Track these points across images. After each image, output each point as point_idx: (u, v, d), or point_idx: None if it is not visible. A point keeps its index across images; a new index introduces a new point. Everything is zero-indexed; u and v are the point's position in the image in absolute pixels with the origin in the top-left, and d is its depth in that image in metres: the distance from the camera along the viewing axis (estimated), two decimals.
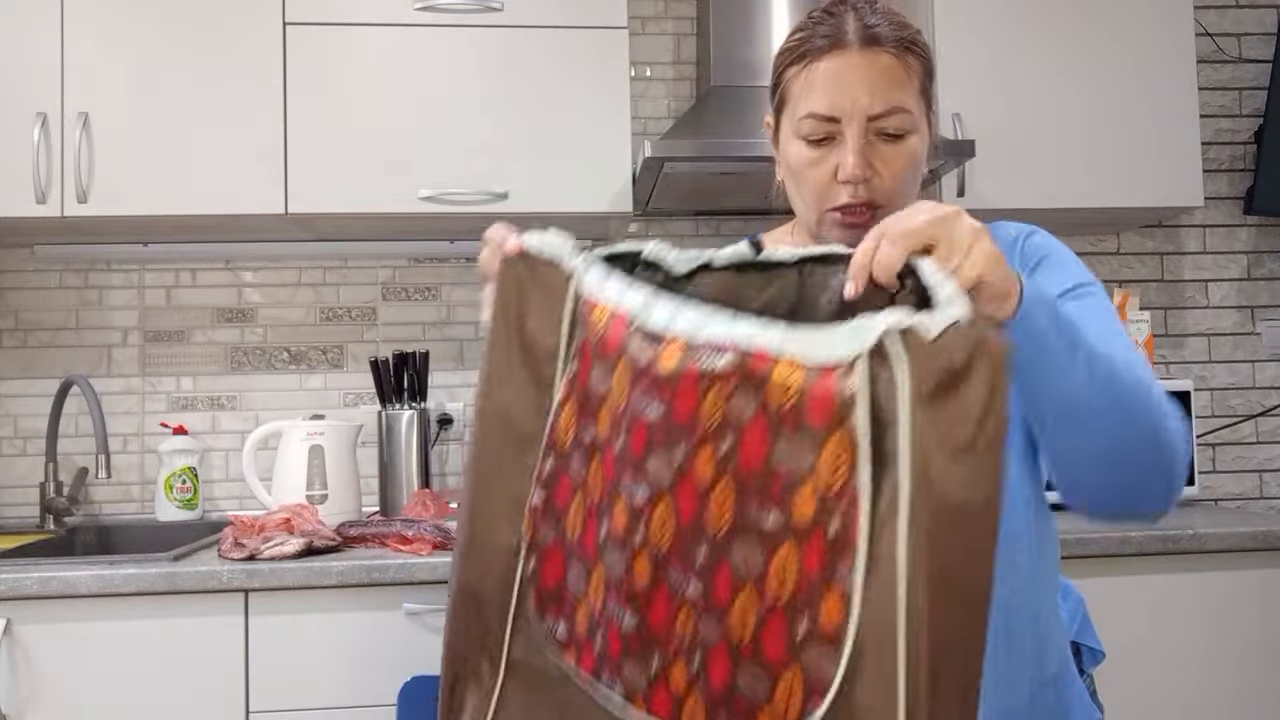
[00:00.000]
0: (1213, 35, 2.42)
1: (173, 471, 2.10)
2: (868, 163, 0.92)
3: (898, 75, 0.92)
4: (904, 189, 0.94)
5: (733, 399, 0.60)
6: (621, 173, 1.98)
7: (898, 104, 0.91)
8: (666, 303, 0.65)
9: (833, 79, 0.92)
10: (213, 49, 1.92)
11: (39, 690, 1.55)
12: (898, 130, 0.92)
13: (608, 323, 0.68)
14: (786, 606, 0.58)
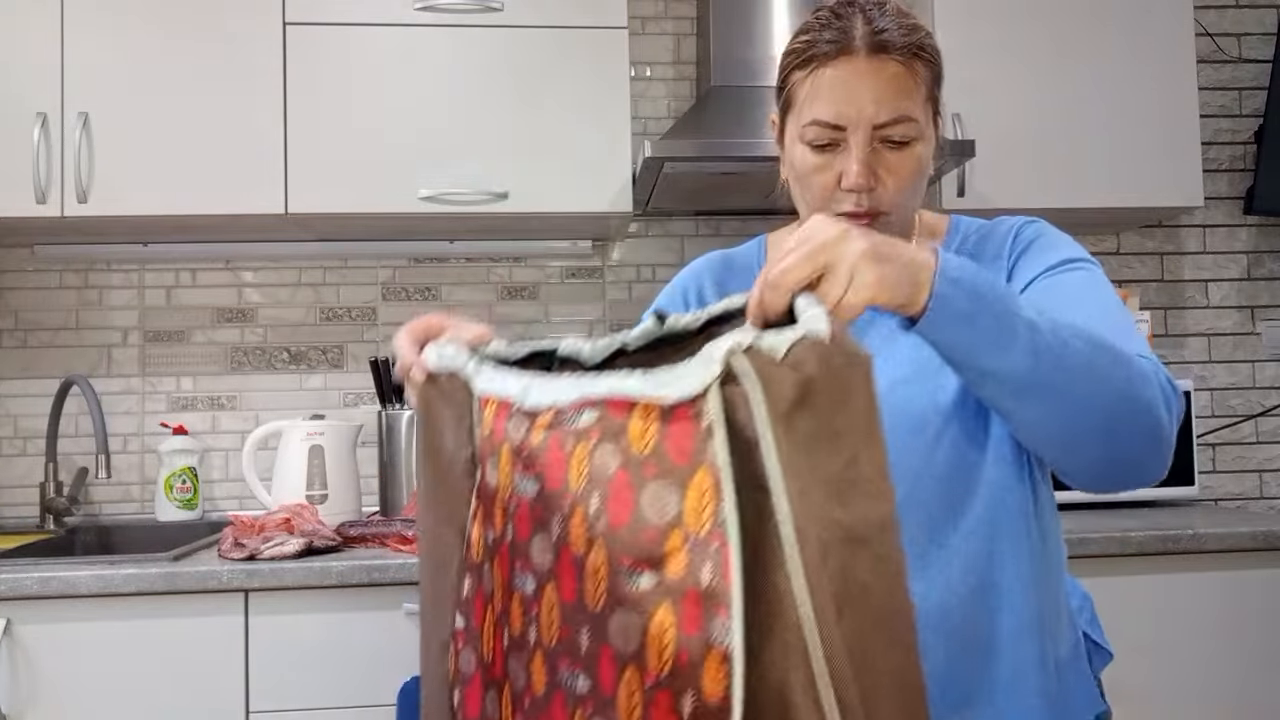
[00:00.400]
0: (1213, 35, 2.42)
1: (173, 471, 2.10)
2: (872, 171, 0.91)
3: (905, 83, 0.91)
4: (907, 196, 0.94)
5: (595, 455, 0.56)
6: (621, 173, 1.98)
7: (904, 113, 0.91)
8: (547, 382, 0.62)
9: (839, 86, 0.91)
10: (213, 49, 1.92)
11: (39, 690, 1.55)
12: (903, 138, 0.91)
13: (493, 415, 0.66)
14: (669, 681, 0.52)
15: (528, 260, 2.32)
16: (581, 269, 2.34)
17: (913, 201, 0.95)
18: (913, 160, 0.92)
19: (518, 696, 0.62)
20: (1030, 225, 1.00)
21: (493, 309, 2.31)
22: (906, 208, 0.95)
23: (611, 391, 0.57)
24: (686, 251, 2.35)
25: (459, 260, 2.31)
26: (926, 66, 0.93)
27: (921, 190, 0.96)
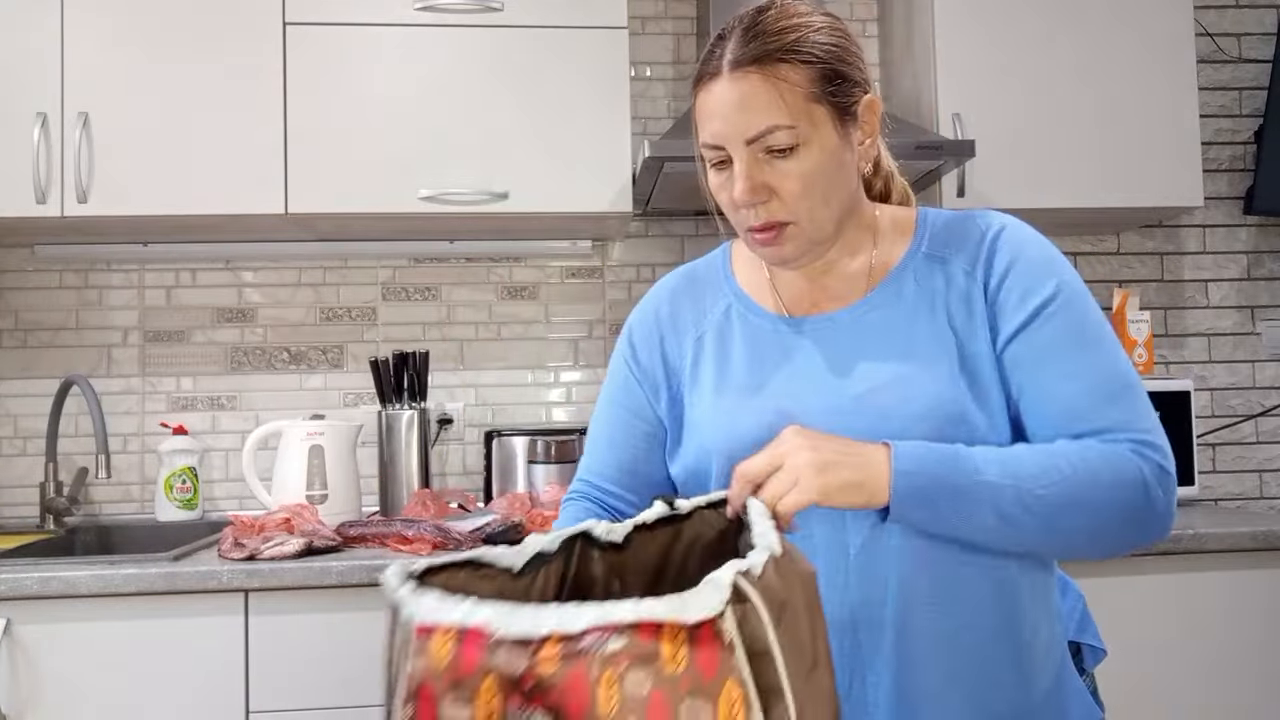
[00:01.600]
0: (1213, 35, 2.42)
1: (173, 471, 2.10)
2: (760, 184, 0.91)
3: (767, 94, 0.89)
4: (813, 201, 0.92)
5: (626, 679, 0.59)
6: (621, 173, 1.98)
7: (771, 123, 0.89)
8: (525, 609, 0.62)
9: (710, 108, 0.92)
10: (213, 49, 1.92)
11: (39, 690, 1.55)
12: (783, 146, 0.89)
13: (456, 645, 0.63)
14: None
15: (528, 260, 2.32)
16: (581, 269, 2.34)
17: (826, 205, 0.93)
18: (801, 166, 0.90)
19: None
20: (1004, 234, 0.96)
21: (493, 309, 2.31)
22: (818, 212, 0.92)
23: (639, 616, 0.60)
24: (686, 251, 2.35)
25: (459, 260, 2.31)
26: (802, 65, 0.90)
27: (840, 190, 0.94)
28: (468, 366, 2.30)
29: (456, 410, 2.27)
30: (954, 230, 0.99)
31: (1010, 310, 0.92)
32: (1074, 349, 0.90)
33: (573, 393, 2.32)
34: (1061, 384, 0.89)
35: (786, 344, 0.98)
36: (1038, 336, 0.91)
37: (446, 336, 2.30)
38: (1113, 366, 0.90)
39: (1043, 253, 0.95)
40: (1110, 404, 0.88)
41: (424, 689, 0.63)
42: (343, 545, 1.71)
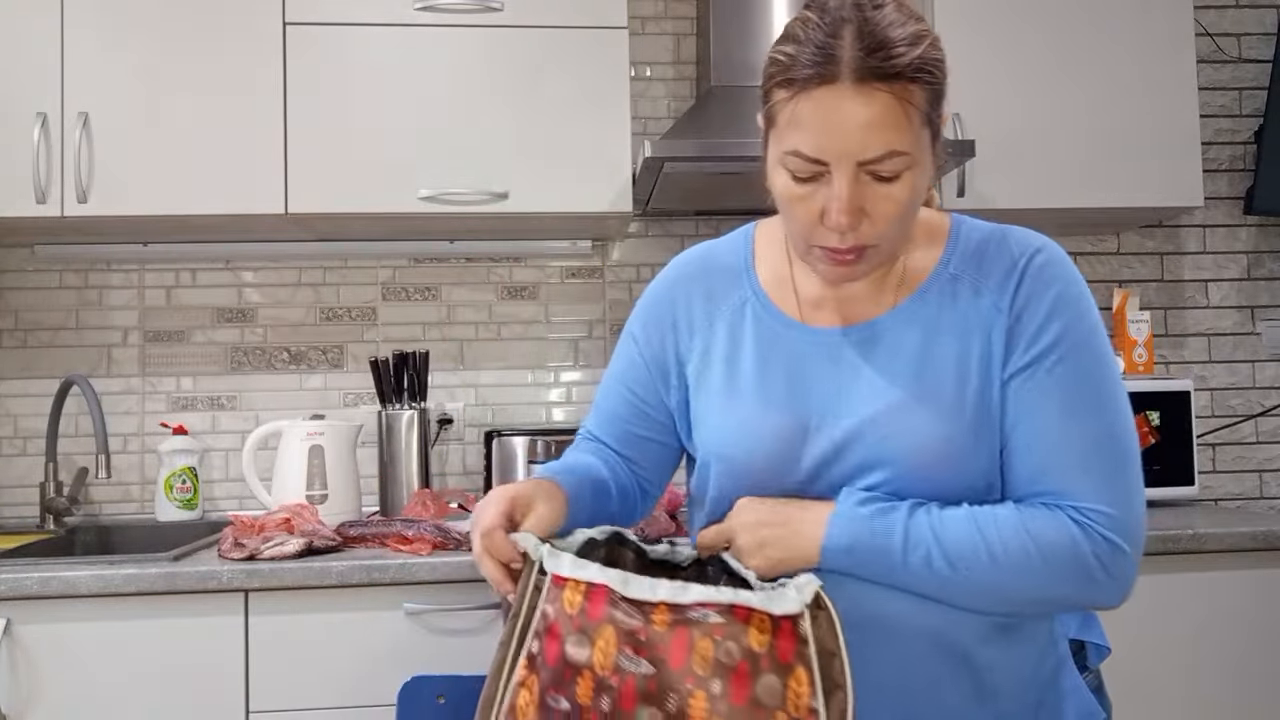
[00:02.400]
0: (1213, 35, 2.42)
1: (173, 471, 2.10)
2: (857, 208, 0.84)
3: (896, 116, 0.81)
4: (902, 225, 0.87)
5: (719, 648, 0.76)
6: (621, 173, 1.98)
7: (893, 147, 0.82)
8: (640, 578, 0.80)
9: (820, 118, 0.82)
10: (213, 49, 1.92)
11: (39, 690, 1.55)
12: (892, 173, 0.83)
13: (584, 597, 0.80)
14: None
15: (528, 260, 2.32)
16: (581, 269, 2.34)
17: (904, 227, 0.88)
18: (902, 194, 0.84)
19: None
20: (1033, 267, 0.91)
21: (493, 309, 2.31)
22: (897, 236, 0.88)
23: (736, 600, 0.77)
24: None
25: (459, 260, 2.31)
26: (926, 87, 0.83)
27: (914, 214, 0.89)
28: (468, 366, 2.30)
29: (456, 410, 2.27)
30: (986, 252, 0.93)
31: (1021, 347, 0.89)
32: (1064, 405, 0.87)
33: (573, 393, 2.32)
34: (1038, 439, 0.88)
35: (798, 353, 0.95)
36: (1035, 383, 0.88)
37: (446, 336, 2.30)
38: (1100, 431, 0.87)
39: (1068, 291, 0.90)
40: (1079, 471, 0.86)
41: (553, 627, 0.80)
42: (343, 545, 1.71)
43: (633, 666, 0.77)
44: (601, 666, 0.78)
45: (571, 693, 0.78)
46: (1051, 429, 0.87)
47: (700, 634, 0.76)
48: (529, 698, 0.80)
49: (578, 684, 0.78)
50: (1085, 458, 0.86)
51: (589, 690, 0.78)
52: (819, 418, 0.92)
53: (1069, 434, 0.87)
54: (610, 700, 0.77)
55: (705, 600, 0.78)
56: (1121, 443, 0.87)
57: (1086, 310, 0.90)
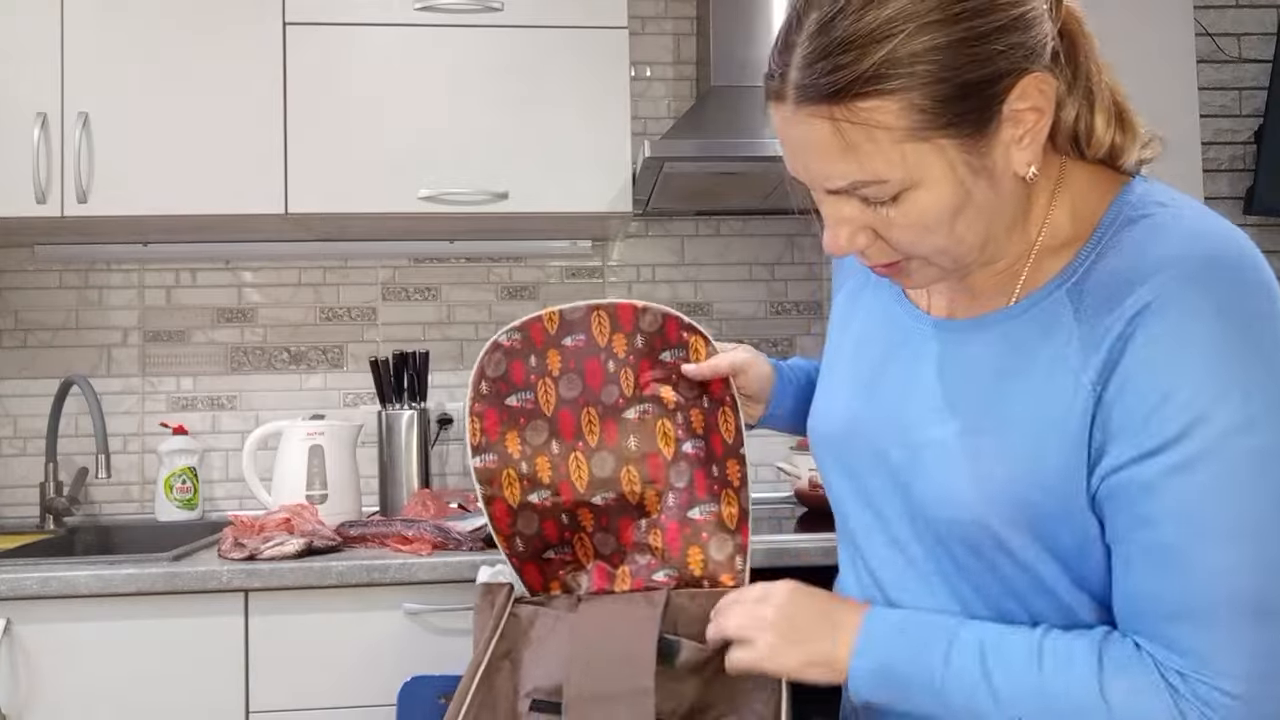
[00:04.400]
0: (1213, 35, 2.42)
1: (173, 471, 2.10)
2: (856, 231, 0.71)
3: (842, 146, 0.65)
4: (937, 240, 0.70)
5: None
6: (621, 173, 1.98)
7: (851, 179, 0.67)
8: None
9: (781, 140, 0.71)
10: (213, 49, 1.92)
11: (39, 690, 1.55)
12: (876, 199, 0.68)
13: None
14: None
15: (528, 260, 2.32)
16: (581, 269, 2.34)
17: (957, 240, 0.70)
18: (912, 213, 0.68)
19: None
20: (1153, 312, 0.64)
21: (493, 309, 2.31)
22: (948, 249, 0.70)
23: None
24: (686, 252, 2.35)
25: (459, 260, 2.31)
26: (895, 98, 0.63)
27: (981, 218, 0.69)
28: (468, 366, 2.30)
29: (456, 410, 2.27)
30: (1119, 267, 0.68)
31: (1122, 432, 0.65)
32: (1179, 529, 0.64)
33: None
34: (1137, 567, 0.66)
35: (893, 336, 0.84)
36: (1145, 487, 0.65)
37: (446, 336, 2.30)
38: (1223, 574, 0.63)
39: (1210, 356, 0.62)
40: (1186, 623, 0.64)
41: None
42: (343, 545, 1.71)
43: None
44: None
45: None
46: (1156, 558, 0.65)
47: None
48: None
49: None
50: (1190, 606, 0.64)
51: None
52: (881, 419, 0.82)
53: (1180, 567, 0.64)
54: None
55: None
56: (1248, 594, 0.63)
57: (1238, 383, 0.62)
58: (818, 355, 1.35)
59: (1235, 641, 0.63)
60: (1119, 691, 0.66)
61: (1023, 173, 0.69)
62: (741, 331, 2.35)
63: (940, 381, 0.77)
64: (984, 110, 0.65)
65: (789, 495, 2.12)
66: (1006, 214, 0.71)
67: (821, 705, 0.95)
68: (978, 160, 0.67)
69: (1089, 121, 0.74)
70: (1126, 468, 0.65)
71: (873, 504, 0.83)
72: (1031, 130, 0.68)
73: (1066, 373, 0.68)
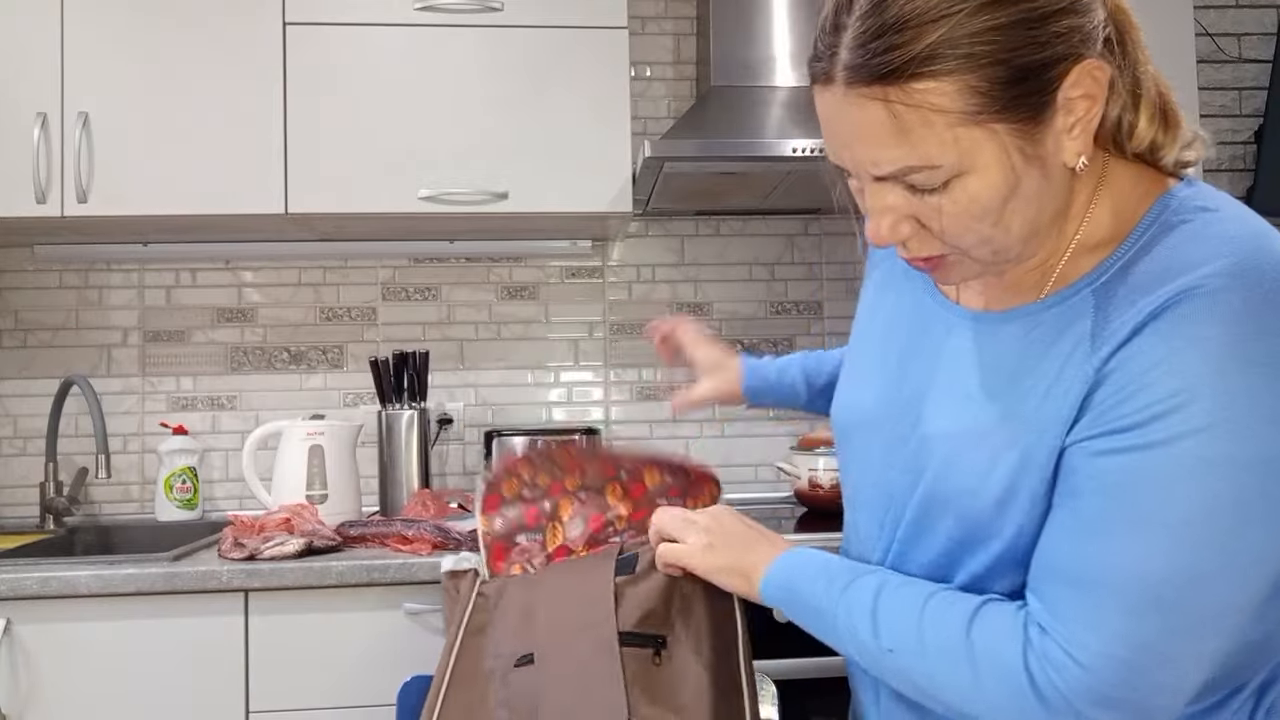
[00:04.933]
0: (1213, 35, 2.42)
1: (172, 471, 2.10)
2: (898, 221, 0.69)
3: (895, 129, 0.64)
4: (981, 233, 0.68)
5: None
6: (621, 173, 1.98)
7: (901, 165, 0.65)
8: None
9: (827, 124, 0.69)
10: (213, 49, 1.92)
11: (39, 690, 1.55)
12: (926, 185, 0.66)
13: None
14: None
15: (528, 260, 2.32)
16: (581, 269, 2.34)
17: (1003, 231, 0.68)
18: (959, 201, 0.66)
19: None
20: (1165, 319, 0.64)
21: (493, 309, 2.31)
22: (991, 241, 0.69)
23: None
24: (686, 251, 2.35)
25: (459, 260, 2.31)
26: (951, 80, 0.62)
27: (1027, 209, 0.68)
28: (468, 366, 2.30)
29: (456, 410, 2.27)
30: (1148, 270, 0.68)
31: (1092, 411, 0.67)
32: (1100, 504, 0.65)
33: (573, 393, 2.32)
34: (1052, 529, 0.69)
35: (921, 325, 0.84)
36: (1087, 462, 0.66)
37: (446, 336, 2.30)
38: (1122, 557, 0.64)
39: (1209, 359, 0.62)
40: (1069, 587, 0.66)
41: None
42: (343, 545, 1.71)
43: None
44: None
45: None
46: (1081, 526, 0.66)
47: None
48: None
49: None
50: (1102, 581, 0.65)
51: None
52: (900, 409, 0.82)
53: (1099, 544, 0.65)
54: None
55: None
56: (1153, 586, 0.63)
57: (1229, 391, 0.61)
58: None
59: (1103, 618, 0.64)
60: (983, 633, 0.70)
61: (1072, 163, 0.68)
62: (741, 332, 2.36)
63: (964, 373, 0.77)
64: (1040, 95, 0.64)
65: (789, 495, 2.12)
66: (1052, 206, 0.70)
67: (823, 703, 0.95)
68: (1031, 148, 0.65)
69: (1133, 117, 0.72)
70: (1083, 441, 0.67)
71: (886, 492, 0.83)
72: (1083, 120, 0.67)
73: (1076, 370, 0.69)
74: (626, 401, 2.33)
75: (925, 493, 0.77)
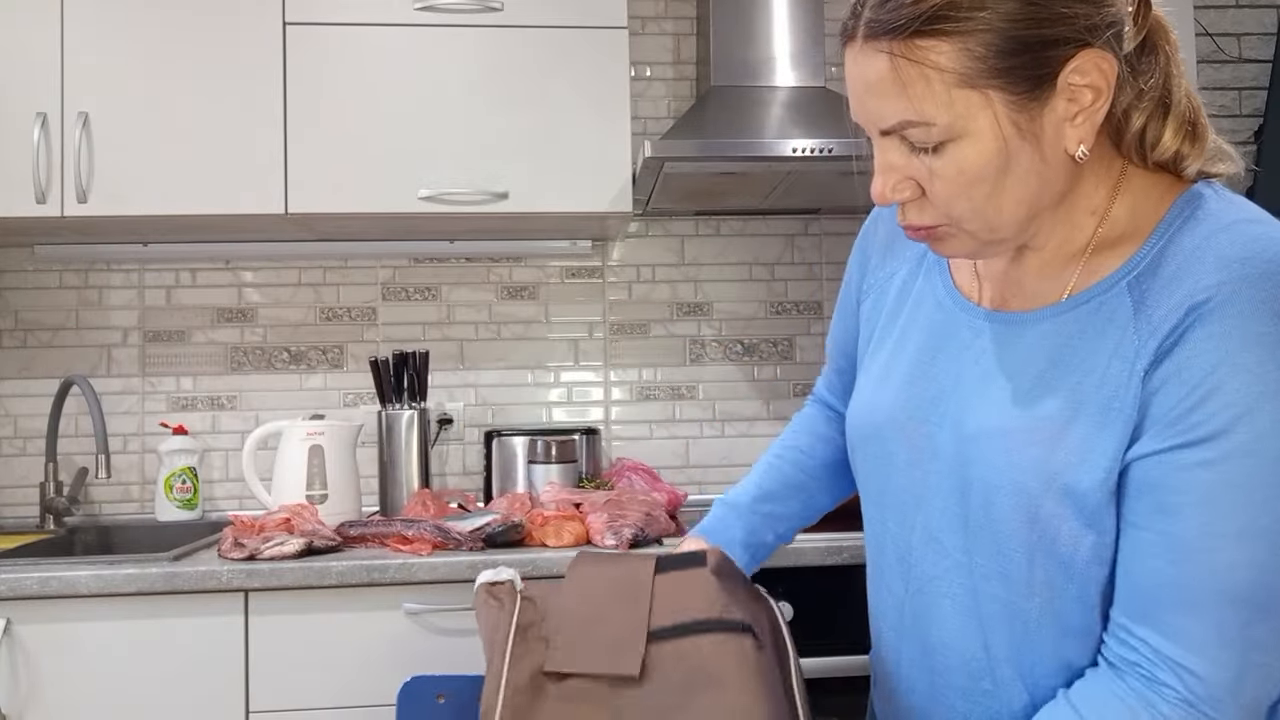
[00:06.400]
0: (1213, 35, 2.42)
1: (172, 471, 2.10)
2: (901, 181, 0.73)
3: (895, 82, 0.68)
4: (972, 204, 0.71)
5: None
6: (621, 173, 1.98)
7: (900, 118, 0.69)
8: None
9: (848, 81, 0.73)
10: (213, 49, 1.92)
11: (39, 690, 1.55)
12: (922, 143, 0.70)
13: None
14: None
15: (528, 260, 2.32)
16: (581, 269, 2.34)
17: (996, 208, 0.71)
18: (949, 167, 0.69)
19: None
20: (1208, 311, 0.66)
21: (493, 309, 2.31)
22: (983, 216, 0.72)
23: None
24: (686, 251, 2.35)
25: (459, 260, 2.31)
26: (953, 40, 0.66)
27: (1020, 187, 0.71)
28: (468, 366, 2.30)
29: (456, 410, 2.27)
30: (1182, 263, 0.69)
31: (1161, 420, 0.67)
32: (1201, 519, 0.65)
33: (573, 393, 2.32)
34: (1150, 553, 0.68)
35: (940, 328, 0.84)
36: (1173, 477, 0.67)
37: (446, 336, 2.30)
38: (1228, 570, 0.65)
39: (1263, 358, 0.64)
40: (1189, 614, 0.66)
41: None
42: (343, 545, 1.71)
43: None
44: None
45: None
46: (1171, 545, 0.67)
47: None
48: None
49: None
50: (1191, 599, 0.66)
51: None
52: (925, 410, 0.82)
53: (1202, 562, 0.66)
54: None
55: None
56: (1261, 596, 0.65)
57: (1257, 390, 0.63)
58: (818, 355, 1.35)
59: (1226, 634, 0.65)
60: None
61: (1073, 151, 0.70)
62: (741, 332, 2.36)
63: (994, 371, 0.78)
64: (1038, 71, 0.67)
65: None
66: (1051, 191, 0.72)
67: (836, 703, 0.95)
68: (1025, 123, 0.68)
69: (1159, 127, 0.74)
70: (1160, 454, 0.67)
71: (916, 493, 0.83)
72: (1087, 110, 0.69)
73: (1124, 362, 0.70)
74: (626, 401, 2.33)
75: (967, 491, 0.77)
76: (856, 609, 1.01)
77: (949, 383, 0.81)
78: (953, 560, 0.80)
